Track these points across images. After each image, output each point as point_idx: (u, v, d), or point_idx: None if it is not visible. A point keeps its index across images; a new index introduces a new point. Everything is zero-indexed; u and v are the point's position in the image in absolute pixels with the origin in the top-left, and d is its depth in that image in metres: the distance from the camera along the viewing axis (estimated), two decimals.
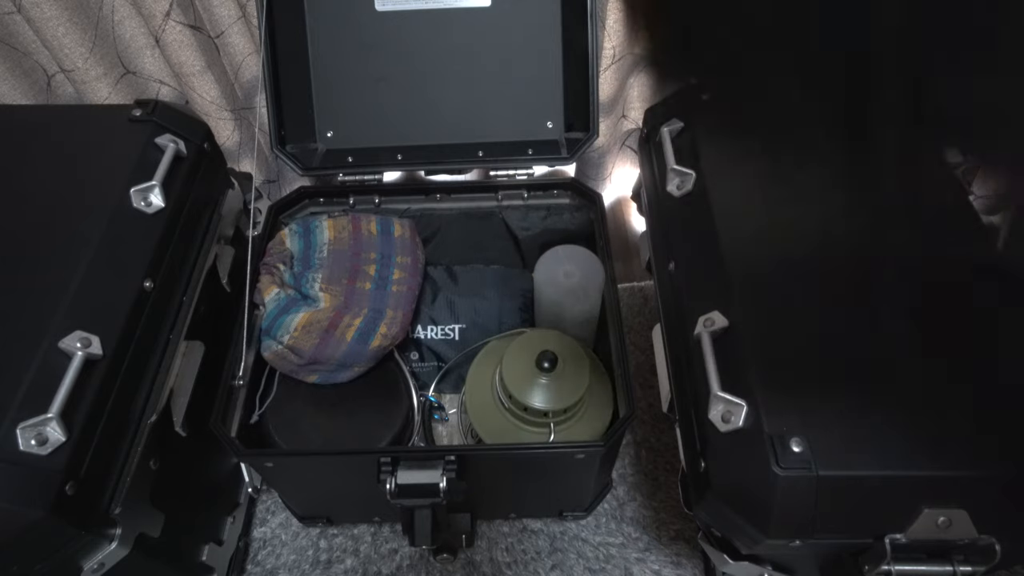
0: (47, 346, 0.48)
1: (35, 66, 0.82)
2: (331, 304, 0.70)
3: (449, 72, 0.77)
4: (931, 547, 0.46)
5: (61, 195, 0.59)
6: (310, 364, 0.67)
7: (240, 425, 0.63)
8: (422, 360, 0.79)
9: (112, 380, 0.51)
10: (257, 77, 0.89)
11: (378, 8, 0.74)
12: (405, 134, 0.79)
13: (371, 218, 0.79)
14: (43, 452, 0.44)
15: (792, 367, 0.49)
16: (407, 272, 0.76)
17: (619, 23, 0.85)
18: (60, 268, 0.53)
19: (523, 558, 0.75)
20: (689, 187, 0.64)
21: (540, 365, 0.63)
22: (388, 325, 0.69)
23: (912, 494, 0.45)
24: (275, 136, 0.76)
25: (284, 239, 0.74)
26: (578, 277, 0.74)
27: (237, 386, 0.64)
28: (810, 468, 0.44)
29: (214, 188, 0.71)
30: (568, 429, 0.65)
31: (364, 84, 0.77)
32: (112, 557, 0.50)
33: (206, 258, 0.67)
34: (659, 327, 0.65)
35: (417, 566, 0.74)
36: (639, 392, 0.88)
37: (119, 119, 0.65)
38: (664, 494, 0.79)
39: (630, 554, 0.75)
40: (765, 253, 0.57)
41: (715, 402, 0.49)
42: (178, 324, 0.60)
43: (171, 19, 0.78)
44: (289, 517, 0.77)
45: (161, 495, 0.57)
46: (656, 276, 0.67)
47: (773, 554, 0.53)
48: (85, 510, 0.47)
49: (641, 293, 1.00)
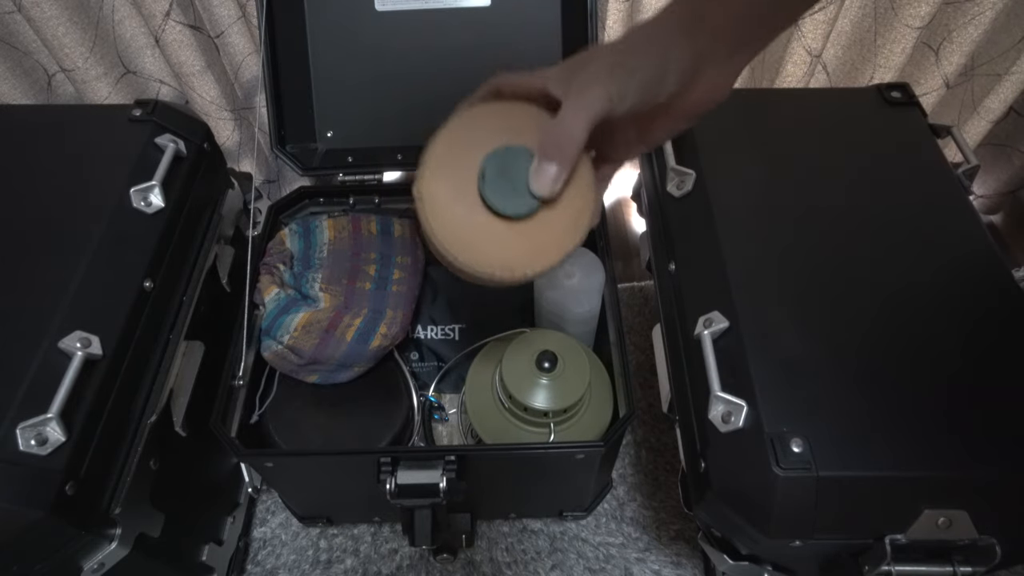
0: (47, 346, 0.48)
1: (35, 66, 0.82)
2: (331, 304, 0.70)
3: (449, 72, 0.77)
4: (931, 547, 0.46)
5: (61, 195, 0.59)
6: (310, 364, 0.67)
7: (240, 425, 0.63)
8: (422, 360, 0.79)
9: (112, 380, 0.51)
10: (257, 77, 0.90)
11: (378, 8, 0.74)
12: (405, 134, 0.79)
13: (371, 218, 0.79)
14: (43, 452, 0.44)
15: (792, 367, 0.49)
16: (407, 272, 0.76)
17: (619, 23, 0.85)
18: (60, 268, 0.53)
19: (523, 558, 0.75)
20: (689, 187, 0.64)
21: (540, 365, 0.63)
22: (388, 325, 0.69)
23: (912, 494, 0.45)
24: (275, 136, 0.76)
25: (284, 239, 0.74)
26: (578, 277, 0.74)
27: (237, 386, 0.64)
28: (810, 468, 0.44)
29: (214, 188, 0.71)
30: (568, 429, 0.65)
31: (364, 84, 0.77)
32: (112, 557, 0.50)
33: (206, 258, 0.67)
34: (659, 327, 0.65)
35: (417, 566, 0.74)
36: (639, 392, 0.88)
37: (119, 119, 0.65)
38: (664, 494, 0.79)
39: (630, 554, 0.75)
40: (765, 253, 0.57)
41: (715, 402, 0.49)
42: (178, 324, 0.60)
43: (171, 19, 0.78)
44: (289, 517, 0.77)
45: (161, 495, 0.57)
46: (656, 276, 0.67)
47: (773, 554, 0.53)
48: (85, 510, 0.47)
49: (641, 293, 1.00)
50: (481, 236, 0.41)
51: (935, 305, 0.53)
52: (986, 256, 0.56)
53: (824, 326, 0.52)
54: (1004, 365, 0.49)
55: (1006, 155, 1.01)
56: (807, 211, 0.60)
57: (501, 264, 0.41)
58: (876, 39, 0.86)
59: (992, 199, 1.05)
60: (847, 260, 0.56)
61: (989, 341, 0.51)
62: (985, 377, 0.49)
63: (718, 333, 0.53)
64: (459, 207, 0.41)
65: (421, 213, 0.41)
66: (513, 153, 0.40)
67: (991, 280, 0.55)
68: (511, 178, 0.40)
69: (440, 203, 0.41)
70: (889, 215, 0.59)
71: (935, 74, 0.89)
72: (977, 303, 0.53)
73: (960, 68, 0.88)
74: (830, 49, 0.90)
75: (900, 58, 0.86)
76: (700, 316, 0.54)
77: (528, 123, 0.41)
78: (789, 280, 0.55)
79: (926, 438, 0.46)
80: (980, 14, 0.82)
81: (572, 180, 0.40)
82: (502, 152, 0.40)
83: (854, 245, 0.57)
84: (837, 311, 0.53)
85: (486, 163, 0.40)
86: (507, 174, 0.40)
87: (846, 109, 0.70)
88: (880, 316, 0.52)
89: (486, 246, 0.41)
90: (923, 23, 0.82)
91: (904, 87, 0.71)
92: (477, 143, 0.41)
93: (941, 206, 0.60)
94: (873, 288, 0.54)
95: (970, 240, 0.58)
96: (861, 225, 0.59)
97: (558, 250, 0.42)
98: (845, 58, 0.91)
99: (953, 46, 0.86)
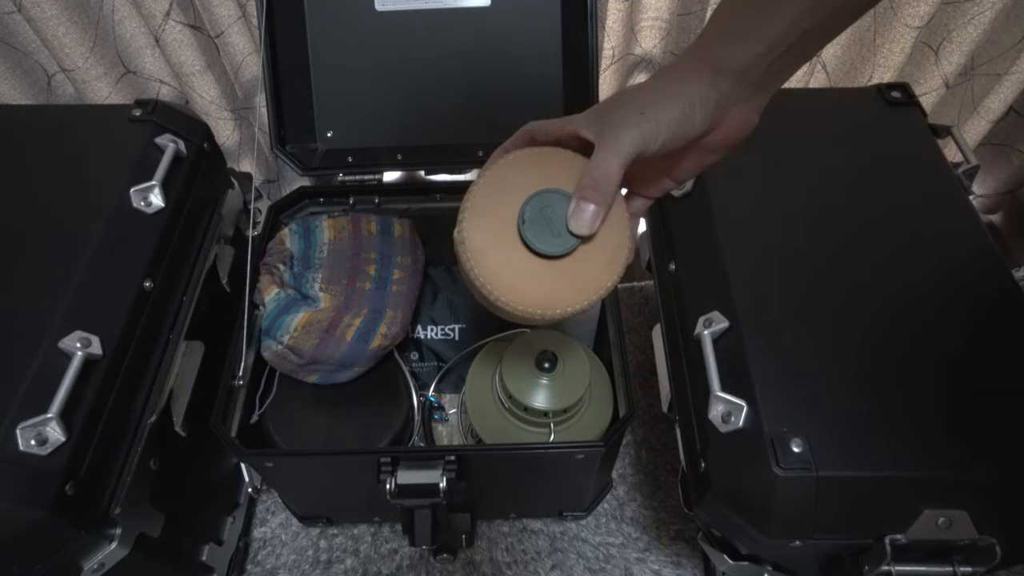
0: (47, 346, 0.48)
1: (35, 66, 0.82)
2: (331, 304, 0.70)
3: (449, 72, 0.77)
4: (931, 547, 0.46)
5: (61, 195, 0.59)
6: (310, 364, 0.67)
7: (240, 425, 0.63)
8: (422, 360, 0.79)
9: (112, 380, 0.51)
10: (257, 77, 0.90)
11: (378, 8, 0.74)
12: (405, 134, 0.79)
13: (371, 218, 0.79)
14: (43, 452, 0.44)
15: (792, 367, 0.49)
16: (407, 272, 0.76)
17: (619, 23, 0.85)
18: (60, 268, 0.53)
19: (523, 558, 0.75)
20: (689, 187, 0.64)
21: (540, 365, 0.63)
22: (388, 325, 0.69)
23: (912, 494, 0.45)
24: (275, 136, 0.76)
25: (284, 239, 0.74)
26: None
27: (237, 386, 0.64)
28: (810, 468, 0.44)
29: (214, 188, 0.71)
30: (568, 429, 0.65)
31: (364, 84, 0.77)
32: (112, 557, 0.50)
33: (206, 258, 0.67)
34: (659, 327, 0.65)
35: (417, 566, 0.74)
36: (639, 392, 0.88)
37: (119, 119, 0.65)
38: (664, 494, 0.79)
39: (630, 554, 0.75)
40: (765, 253, 0.57)
41: (715, 402, 0.49)
42: (178, 324, 0.60)
43: (171, 19, 0.78)
44: (289, 517, 0.77)
45: (161, 495, 0.57)
46: (656, 276, 0.67)
47: (773, 554, 0.53)
48: (85, 510, 0.47)
49: (641, 293, 1.00)
50: (524, 277, 0.43)
51: (935, 305, 0.53)
52: (986, 256, 0.56)
53: (824, 326, 0.52)
54: (1004, 365, 0.49)
55: (1006, 155, 1.01)
56: (807, 211, 0.60)
57: (544, 303, 0.43)
58: (875, 38, 0.87)
59: (992, 199, 1.05)
60: (847, 260, 0.56)
61: (989, 341, 0.51)
62: (985, 377, 0.49)
63: (718, 333, 0.53)
64: (501, 250, 0.43)
65: (462, 258, 0.43)
66: (550, 196, 0.42)
67: (991, 280, 0.55)
68: (550, 220, 0.42)
69: (482, 247, 0.43)
70: (889, 215, 0.59)
71: (935, 74, 0.89)
72: (977, 303, 0.53)
73: (960, 68, 0.88)
74: (829, 48, 0.90)
75: (899, 58, 0.86)
76: (700, 316, 0.54)
77: (562, 166, 0.43)
78: (789, 280, 0.55)
79: (926, 438, 0.46)
80: (979, 14, 0.82)
81: (608, 219, 0.42)
82: (540, 196, 0.42)
83: (854, 245, 0.57)
84: (837, 311, 0.53)
85: (525, 207, 0.42)
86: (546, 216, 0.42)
87: (846, 109, 0.70)
88: (880, 316, 0.52)
89: (529, 286, 0.43)
90: (922, 22, 0.82)
91: (904, 87, 0.71)
92: (514, 188, 0.43)
93: (941, 206, 0.60)
94: (873, 288, 0.54)
95: (970, 240, 0.58)
96: (861, 225, 0.59)
97: (597, 288, 0.43)
98: (844, 57, 0.91)
99: (953, 46, 0.86)
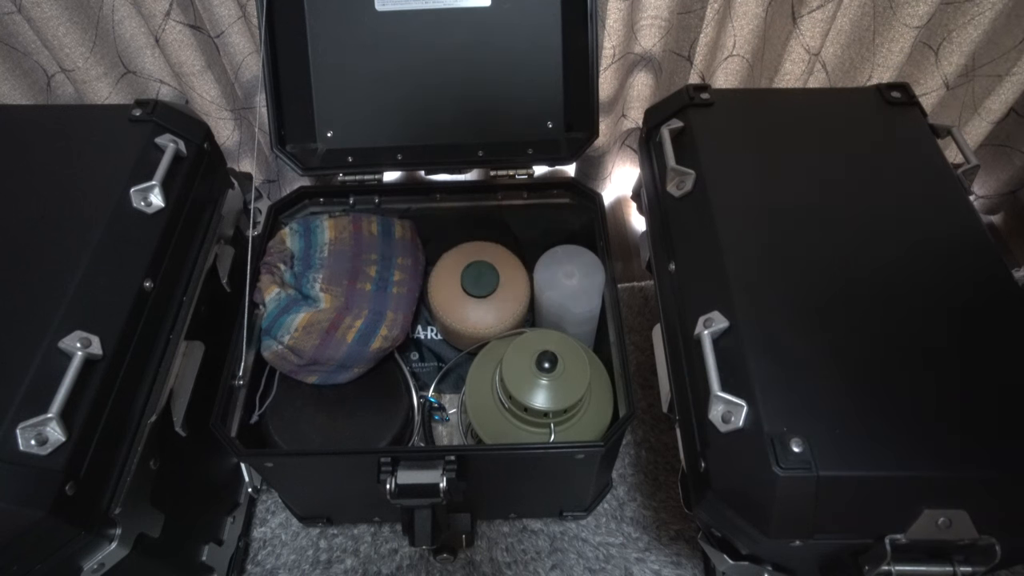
0: (47, 346, 0.48)
1: (35, 66, 0.82)
2: (332, 305, 0.70)
3: (449, 72, 0.77)
4: (931, 547, 0.46)
5: (61, 195, 0.59)
6: (310, 365, 0.67)
7: (240, 425, 0.63)
8: (422, 360, 0.79)
9: (112, 380, 0.51)
10: (257, 77, 0.90)
11: (378, 8, 0.74)
12: (405, 134, 0.79)
13: (372, 218, 0.79)
14: (43, 452, 0.44)
15: (793, 367, 0.49)
16: (407, 274, 0.76)
17: (619, 23, 0.85)
18: (60, 268, 0.53)
19: (523, 558, 0.75)
20: (689, 187, 0.64)
21: (540, 365, 0.63)
22: (389, 327, 0.70)
23: (912, 494, 0.45)
24: (275, 136, 0.76)
25: (285, 238, 0.74)
26: (578, 277, 0.74)
27: (237, 386, 0.64)
28: (810, 468, 0.44)
29: (214, 188, 0.71)
30: (568, 429, 0.65)
31: (364, 84, 0.77)
32: (112, 557, 0.50)
33: (206, 258, 0.67)
34: (659, 327, 0.65)
35: (417, 566, 0.74)
36: (639, 392, 0.88)
37: (119, 119, 0.65)
38: (664, 494, 0.79)
39: (630, 554, 0.75)
40: (765, 253, 0.57)
41: (715, 402, 0.49)
42: (178, 324, 0.60)
43: (171, 19, 0.78)
44: (289, 517, 0.77)
45: (161, 495, 0.57)
46: (656, 276, 0.67)
47: (773, 554, 0.53)
48: (85, 510, 0.47)
49: (641, 293, 1.00)
50: (461, 308, 0.76)
51: (935, 305, 0.53)
52: (986, 256, 0.56)
53: (824, 326, 0.52)
54: (1004, 365, 0.49)
55: (1006, 155, 1.01)
56: (807, 211, 0.60)
57: (473, 324, 0.75)
58: (875, 38, 0.86)
59: (992, 199, 1.05)
60: (847, 260, 0.56)
61: (989, 341, 0.51)
62: (985, 377, 0.49)
63: (718, 333, 0.53)
64: (450, 291, 0.77)
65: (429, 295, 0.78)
66: (478, 264, 0.77)
67: (991, 280, 0.55)
68: (478, 276, 0.76)
69: (440, 290, 0.77)
70: (889, 215, 0.59)
71: (935, 74, 0.89)
72: (977, 303, 0.53)
73: (960, 69, 0.88)
74: (829, 48, 0.90)
75: (899, 57, 0.86)
76: (700, 316, 0.54)
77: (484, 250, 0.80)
78: (789, 280, 0.55)
79: (926, 438, 0.46)
80: (979, 15, 0.82)
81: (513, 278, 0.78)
82: (473, 264, 0.77)
83: (854, 245, 0.57)
84: (837, 311, 0.53)
85: (464, 269, 0.77)
86: (476, 274, 0.77)
87: (846, 109, 0.70)
88: (880, 316, 0.52)
89: (465, 313, 0.76)
90: (922, 22, 0.82)
91: (904, 87, 0.71)
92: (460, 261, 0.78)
93: (941, 206, 0.60)
94: (873, 288, 0.54)
95: (971, 240, 0.58)
96: (861, 225, 0.59)
97: (512, 317, 0.76)
98: (844, 57, 0.91)
99: (953, 46, 0.86)
